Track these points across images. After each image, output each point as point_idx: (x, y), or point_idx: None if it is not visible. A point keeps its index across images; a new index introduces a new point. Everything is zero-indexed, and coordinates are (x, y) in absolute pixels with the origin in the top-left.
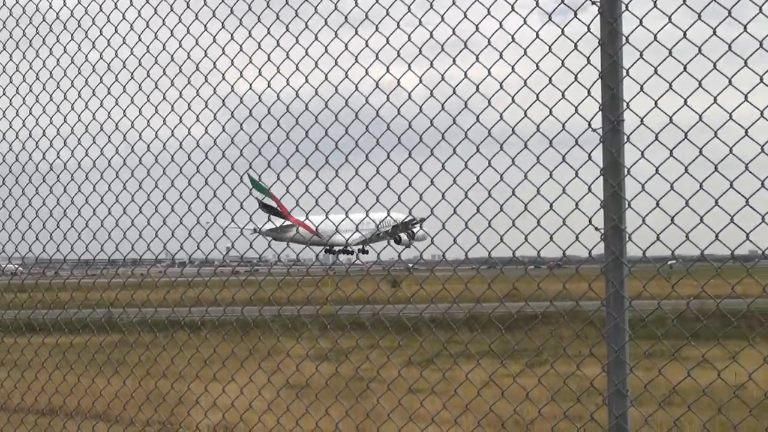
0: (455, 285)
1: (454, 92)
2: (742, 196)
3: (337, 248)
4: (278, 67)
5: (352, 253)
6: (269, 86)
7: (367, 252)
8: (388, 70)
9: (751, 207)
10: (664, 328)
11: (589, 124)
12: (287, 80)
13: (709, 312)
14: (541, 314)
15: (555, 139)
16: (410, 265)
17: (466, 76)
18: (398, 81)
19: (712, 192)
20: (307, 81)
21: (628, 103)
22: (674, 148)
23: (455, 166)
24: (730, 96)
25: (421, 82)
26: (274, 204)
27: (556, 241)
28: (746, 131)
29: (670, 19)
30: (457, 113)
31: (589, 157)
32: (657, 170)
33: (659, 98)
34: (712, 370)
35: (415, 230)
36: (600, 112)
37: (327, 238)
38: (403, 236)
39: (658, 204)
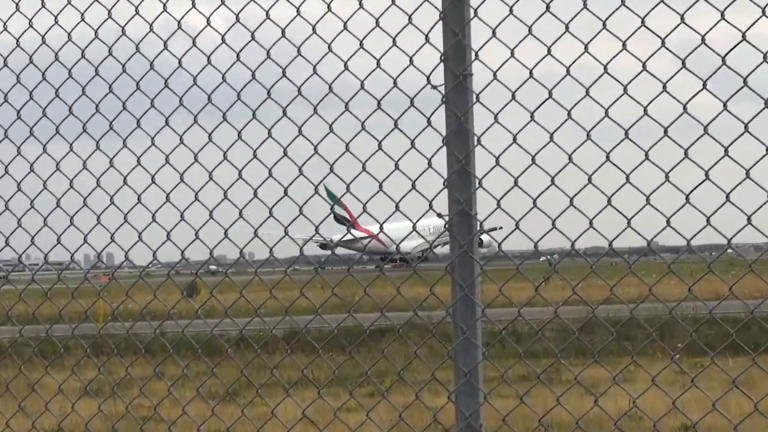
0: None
1: (284, 35)
2: (622, 171)
3: (396, 257)
4: None
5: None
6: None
7: (427, 259)
8: (194, 5)
9: (632, 185)
10: (526, 343)
11: (428, 80)
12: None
13: (585, 322)
14: (369, 328)
15: (384, 99)
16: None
17: (298, 13)
18: (208, 20)
19: (584, 167)
20: (83, 19)
21: (477, 53)
22: (536, 110)
23: (286, 132)
24: (604, 44)
25: (238, 20)
26: (345, 213)
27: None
28: (625, 88)
29: None
30: (288, 63)
31: (429, 123)
32: (515, 139)
33: (516, 46)
34: (588, 396)
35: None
36: (442, 65)
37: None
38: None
39: (516, 183)
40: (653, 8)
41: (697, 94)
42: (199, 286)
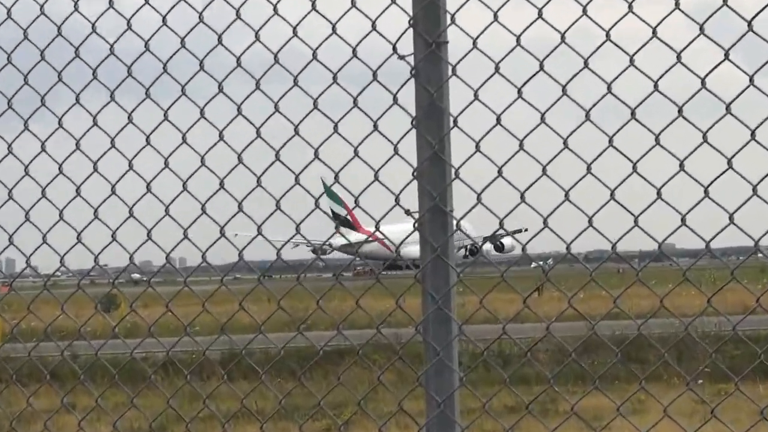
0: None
1: None
2: (628, 159)
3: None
4: None
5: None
6: None
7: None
8: None
9: (639, 175)
10: (514, 366)
11: (394, 49)
12: None
13: (584, 340)
14: (324, 348)
15: (341, 72)
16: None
17: None
18: None
19: (582, 154)
20: None
21: (453, 16)
22: (524, 85)
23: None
24: (606, 6)
25: None
26: (344, 213)
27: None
28: (631, 59)
29: None
30: (225, 28)
31: (395, 101)
32: (499, 120)
33: (501, 8)
34: (588, 431)
35: (505, 241)
36: (411, 30)
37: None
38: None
39: (500, 173)
40: None
41: (717, 65)
42: (117, 299)
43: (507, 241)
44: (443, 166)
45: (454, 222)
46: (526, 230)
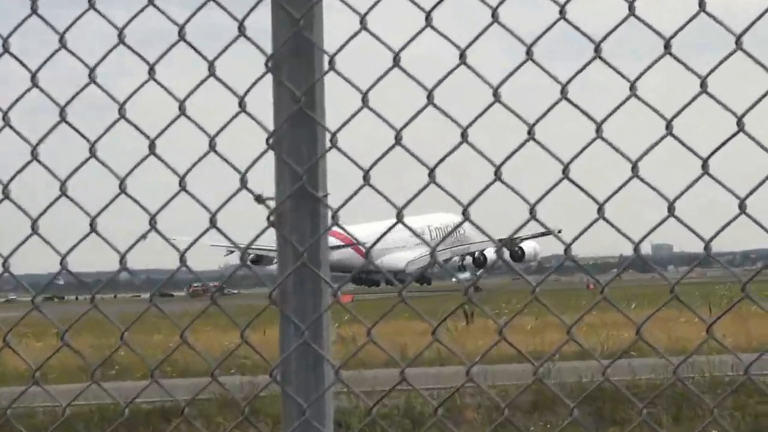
0: None
1: None
2: (592, 121)
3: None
4: None
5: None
6: None
7: (428, 281)
8: None
9: (604, 142)
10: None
11: None
12: None
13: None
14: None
15: None
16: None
17: None
18: None
19: (530, 110)
20: None
21: None
22: (436, 7)
23: None
24: None
25: None
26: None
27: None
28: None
29: None
30: None
31: (241, 31)
32: (397, 60)
33: None
34: None
35: (525, 247)
36: None
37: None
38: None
39: (398, 140)
40: None
41: None
42: None
43: (528, 246)
44: (313, 130)
45: (330, 213)
46: (560, 231)
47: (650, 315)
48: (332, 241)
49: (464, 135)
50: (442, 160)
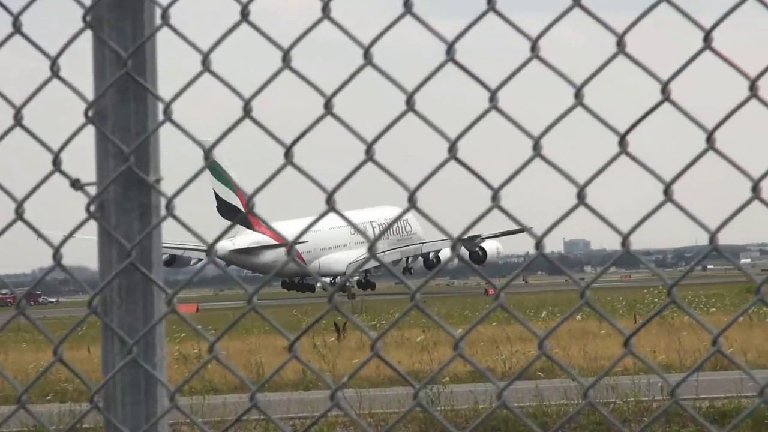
0: None
1: None
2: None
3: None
4: None
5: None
6: None
7: (372, 286)
8: None
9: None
10: None
11: None
12: None
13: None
14: None
15: None
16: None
17: None
18: None
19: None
20: None
21: None
22: None
23: None
24: None
25: None
26: (237, 203)
27: None
28: None
29: None
30: None
31: None
32: (245, 14)
33: None
34: None
35: (487, 247)
36: None
37: (313, 266)
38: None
39: (247, 112)
40: None
41: None
42: None
43: (490, 246)
44: (143, 100)
45: (163, 203)
46: (530, 228)
47: (554, 327)
48: (265, 239)
49: (328, 106)
50: (300, 137)
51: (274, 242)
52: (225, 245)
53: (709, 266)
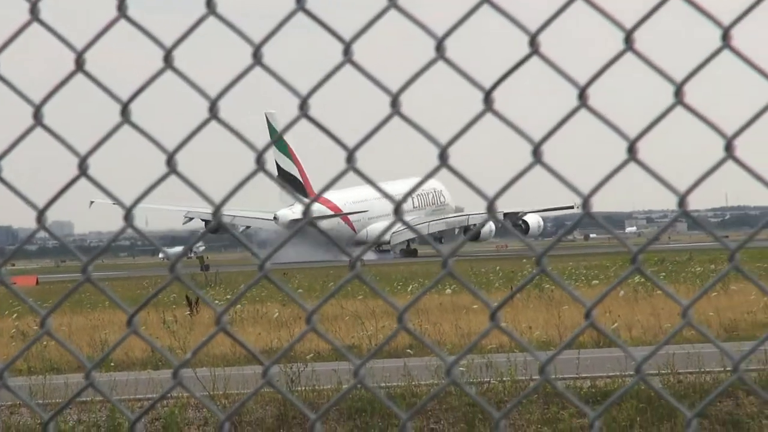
0: None
1: None
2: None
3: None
4: None
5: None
6: None
7: (414, 253)
8: None
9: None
10: None
11: None
12: None
13: None
14: None
15: None
16: None
17: None
18: None
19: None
20: None
21: None
22: None
23: None
24: None
25: None
26: (296, 173)
27: None
28: None
29: None
30: None
31: None
32: None
33: None
34: None
35: (529, 221)
36: None
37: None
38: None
39: (79, 66)
40: None
41: None
42: None
43: (532, 219)
44: None
45: None
46: (575, 207)
47: (415, 299)
48: (322, 209)
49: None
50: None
51: (330, 212)
52: (286, 214)
53: (591, 235)
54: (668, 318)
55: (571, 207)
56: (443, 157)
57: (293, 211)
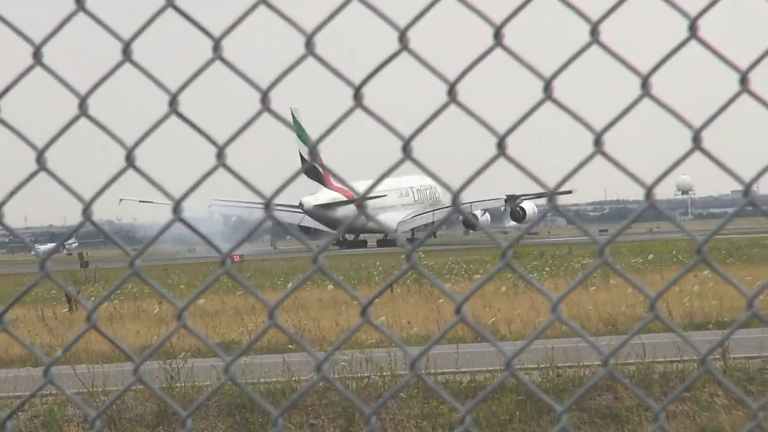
0: None
1: None
2: None
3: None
4: None
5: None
6: None
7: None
8: None
9: None
10: None
11: None
12: None
13: None
14: None
15: None
16: None
17: None
18: None
19: None
20: None
21: None
22: None
23: None
24: None
25: None
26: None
27: None
28: None
29: None
30: None
31: None
32: None
33: None
34: None
35: (526, 207)
36: None
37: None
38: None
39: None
40: None
41: None
42: None
43: (529, 206)
44: None
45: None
46: (573, 192)
47: (379, 292)
48: (338, 196)
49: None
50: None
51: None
52: (310, 200)
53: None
54: (546, 313)
55: (570, 192)
56: (406, 150)
57: (316, 198)
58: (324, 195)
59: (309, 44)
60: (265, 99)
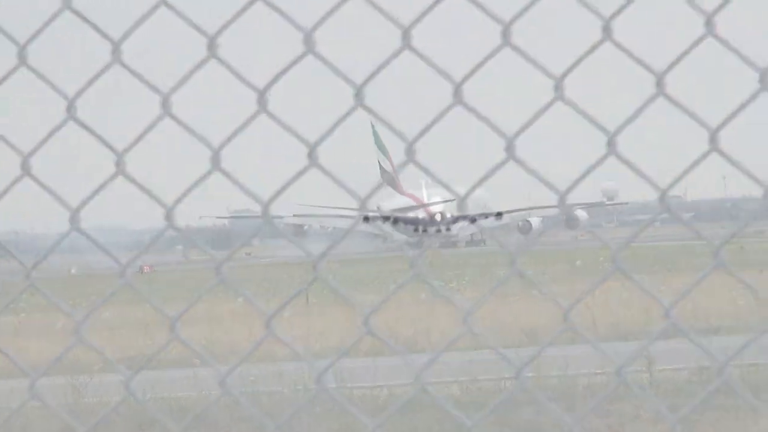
0: None
1: None
2: None
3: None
4: None
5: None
6: None
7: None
8: None
9: None
10: None
11: None
12: None
13: None
14: None
15: None
16: None
17: None
18: None
19: None
20: None
21: None
22: None
23: None
24: None
25: None
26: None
27: None
28: None
29: None
30: None
31: None
32: None
33: None
34: None
35: (532, 221)
36: None
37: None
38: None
39: None
40: None
41: None
42: None
43: (535, 220)
44: None
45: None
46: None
47: (283, 307)
48: (411, 202)
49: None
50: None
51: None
52: (388, 205)
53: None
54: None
55: (626, 203)
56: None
57: (392, 203)
58: (398, 200)
59: (308, 41)
60: (261, 99)
